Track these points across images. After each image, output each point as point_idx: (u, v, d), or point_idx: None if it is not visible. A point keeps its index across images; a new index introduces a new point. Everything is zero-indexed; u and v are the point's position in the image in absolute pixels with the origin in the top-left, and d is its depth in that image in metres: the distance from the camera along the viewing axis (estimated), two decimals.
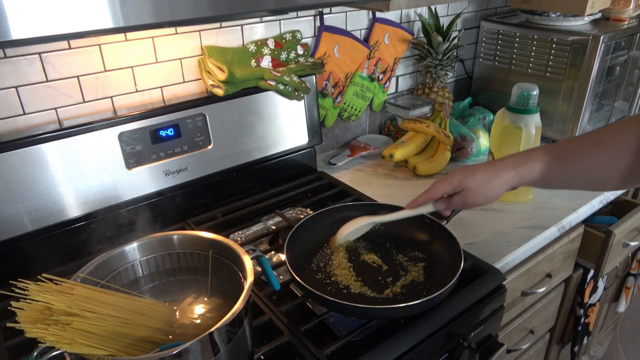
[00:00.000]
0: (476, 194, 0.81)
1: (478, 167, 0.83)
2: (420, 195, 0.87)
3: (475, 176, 0.81)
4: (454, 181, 0.82)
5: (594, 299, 1.43)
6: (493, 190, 0.81)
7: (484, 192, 0.81)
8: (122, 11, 0.56)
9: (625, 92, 1.51)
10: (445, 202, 0.86)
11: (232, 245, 0.72)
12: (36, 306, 0.57)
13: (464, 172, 0.82)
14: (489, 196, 0.82)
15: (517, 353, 1.23)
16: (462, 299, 0.84)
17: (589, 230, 1.21)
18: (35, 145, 0.87)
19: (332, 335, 0.81)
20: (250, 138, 1.14)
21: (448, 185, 0.83)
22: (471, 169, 0.82)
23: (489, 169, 0.81)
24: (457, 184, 0.82)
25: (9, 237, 0.88)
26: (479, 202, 0.83)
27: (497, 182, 0.80)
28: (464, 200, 0.83)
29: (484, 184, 0.80)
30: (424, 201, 0.87)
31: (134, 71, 1.03)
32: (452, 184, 0.83)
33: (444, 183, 0.84)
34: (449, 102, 1.52)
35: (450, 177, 0.83)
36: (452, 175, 0.83)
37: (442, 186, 0.84)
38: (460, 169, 0.84)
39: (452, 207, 0.86)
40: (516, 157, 0.81)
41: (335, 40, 1.30)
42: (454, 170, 0.84)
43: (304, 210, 1.15)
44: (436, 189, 0.84)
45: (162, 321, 0.69)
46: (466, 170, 0.83)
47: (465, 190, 0.82)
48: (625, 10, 1.48)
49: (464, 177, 0.81)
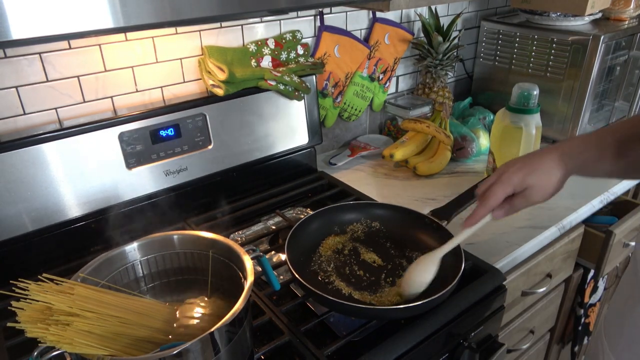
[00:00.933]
0: (541, 191, 0.74)
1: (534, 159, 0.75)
2: (478, 208, 0.77)
3: (537, 172, 0.73)
4: (514, 181, 0.74)
5: (594, 299, 1.43)
6: (557, 184, 0.74)
7: (549, 186, 0.74)
8: (123, 11, 0.56)
9: (626, 92, 1.51)
10: (504, 207, 0.77)
11: (233, 245, 0.72)
12: (36, 306, 0.57)
13: (522, 168, 0.74)
14: (555, 190, 0.75)
15: (518, 353, 1.23)
16: (462, 299, 0.84)
17: (589, 230, 1.21)
18: (35, 145, 0.87)
19: (332, 335, 0.81)
20: (251, 138, 1.14)
21: (509, 188, 0.75)
22: (528, 163, 0.75)
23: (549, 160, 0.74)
24: (518, 184, 0.74)
25: (9, 237, 0.88)
26: (545, 198, 0.76)
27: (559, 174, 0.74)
28: (527, 199, 0.75)
29: (548, 178, 0.73)
30: (485, 213, 0.77)
31: (134, 71, 1.03)
32: (513, 185, 0.74)
33: (503, 186, 0.75)
34: (449, 102, 1.52)
35: (509, 178, 0.74)
36: (509, 175, 0.75)
37: (503, 190, 0.75)
38: (514, 166, 0.75)
39: (513, 211, 0.77)
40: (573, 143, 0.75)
41: (335, 40, 1.30)
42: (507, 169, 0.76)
43: (304, 210, 1.15)
44: (495, 195, 0.75)
45: (162, 321, 0.69)
46: (523, 165, 0.75)
47: (528, 189, 0.74)
48: (626, 10, 1.48)
49: (525, 175, 0.74)
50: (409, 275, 0.82)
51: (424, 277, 0.81)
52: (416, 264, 0.83)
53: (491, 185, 0.76)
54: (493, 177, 0.77)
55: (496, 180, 0.76)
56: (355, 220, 1.01)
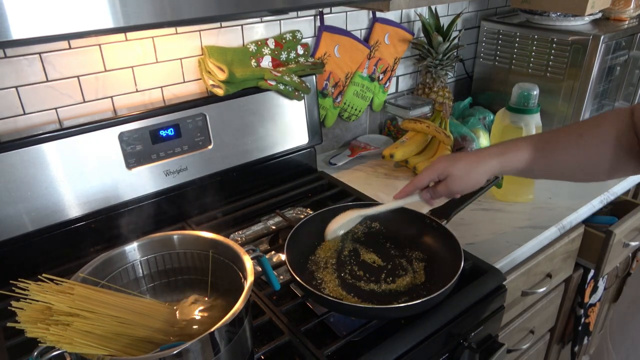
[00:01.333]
0: (459, 181, 0.83)
1: (462, 155, 0.85)
2: (406, 185, 0.88)
3: (459, 163, 0.83)
4: (439, 168, 0.84)
5: (594, 299, 1.43)
6: (476, 177, 0.83)
7: (466, 179, 0.83)
8: (123, 11, 0.56)
9: (626, 92, 1.51)
10: (430, 191, 0.88)
11: (232, 245, 0.72)
12: (36, 306, 0.57)
13: (448, 159, 0.84)
14: (472, 183, 0.84)
15: (518, 353, 1.23)
16: (462, 299, 0.84)
17: (589, 230, 1.21)
18: (35, 145, 0.87)
19: (332, 335, 0.81)
20: (251, 138, 1.14)
21: (433, 172, 0.85)
22: (455, 156, 0.85)
23: (472, 156, 0.83)
24: (441, 171, 0.84)
25: (9, 237, 0.88)
26: (461, 189, 0.85)
27: (480, 170, 0.82)
28: (448, 187, 0.84)
29: (467, 172, 0.82)
30: (411, 190, 0.88)
31: (134, 71, 1.03)
32: (437, 171, 0.84)
33: (429, 170, 0.85)
34: (449, 102, 1.52)
35: (436, 165, 0.85)
36: (437, 162, 0.85)
37: (428, 173, 0.85)
38: (444, 157, 0.86)
39: (436, 195, 0.88)
40: (500, 145, 0.83)
41: (335, 40, 1.30)
42: (439, 157, 0.87)
43: (304, 210, 1.15)
44: (422, 176, 0.86)
45: (162, 321, 0.69)
46: (450, 157, 0.85)
47: (448, 177, 0.83)
48: (626, 10, 1.48)
49: (449, 165, 0.83)
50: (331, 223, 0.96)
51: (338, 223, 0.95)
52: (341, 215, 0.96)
53: (423, 169, 0.87)
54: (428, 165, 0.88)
55: (427, 166, 0.87)
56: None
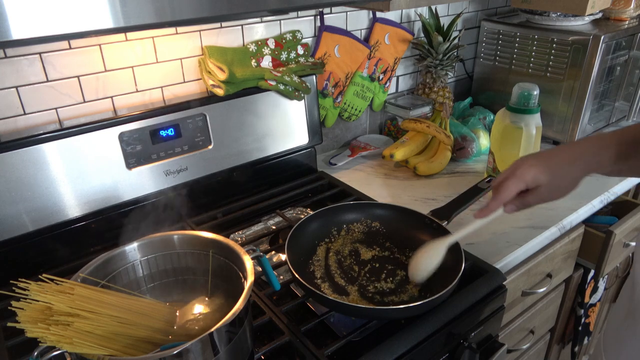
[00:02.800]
0: (554, 189, 0.74)
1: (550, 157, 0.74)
2: (491, 202, 0.77)
3: (551, 170, 0.73)
4: (528, 178, 0.73)
5: (594, 299, 1.43)
6: (571, 182, 0.74)
7: (562, 187, 0.74)
8: (123, 11, 0.56)
9: (626, 92, 1.51)
10: (516, 202, 0.77)
11: (233, 245, 0.72)
12: (36, 306, 0.57)
13: (537, 167, 0.73)
14: (567, 190, 0.75)
15: (518, 353, 1.23)
16: (462, 299, 0.84)
17: (590, 230, 1.21)
18: (35, 145, 0.87)
19: (333, 335, 0.81)
20: (251, 138, 1.14)
21: (522, 184, 0.74)
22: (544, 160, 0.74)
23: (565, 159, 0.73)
24: (531, 180, 0.73)
25: (9, 237, 0.88)
26: (557, 197, 0.75)
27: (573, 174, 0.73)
28: (540, 197, 0.75)
29: (561, 178, 0.73)
30: (496, 207, 0.77)
31: (134, 71, 1.03)
32: (526, 181, 0.74)
33: (515, 182, 0.74)
34: (449, 102, 1.52)
35: (522, 174, 0.74)
36: (523, 171, 0.74)
37: (515, 185, 0.74)
38: (530, 162, 0.74)
39: (525, 206, 0.78)
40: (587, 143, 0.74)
41: (335, 40, 1.30)
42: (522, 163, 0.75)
43: (304, 210, 1.15)
44: (508, 190, 0.75)
45: (162, 321, 0.69)
46: (538, 162, 0.74)
47: (541, 187, 0.74)
48: (626, 10, 1.48)
49: (539, 173, 0.73)
50: (417, 259, 0.83)
51: (430, 262, 0.82)
52: (425, 249, 0.84)
53: (505, 179, 0.76)
54: (508, 171, 0.77)
55: (510, 175, 0.75)
56: (355, 220, 1.01)
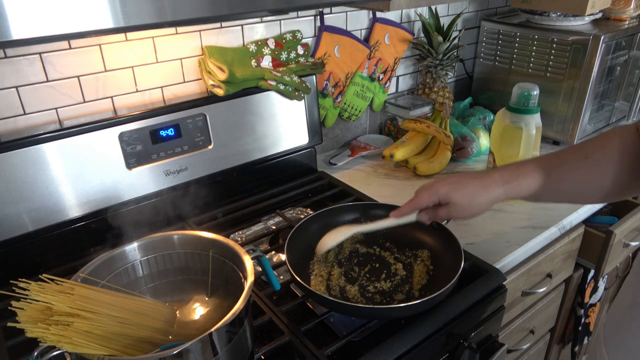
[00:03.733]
0: (462, 209, 0.80)
1: (466, 180, 0.80)
2: (405, 205, 0.85)
3: (462, 191, 0.79)
4: (440, 193, 0.80)
5: (594, 299, 1.43)
6: (479, 206, 0.80)
7: (469, 207, 0.80)
8: (123, 11, 0.56)
9: (626, 92, 1.51)
10: (430, 213, 0.84)
11: (233, 245, 0.72)
12: (37, 306, 0.57)
13: (451, 185, 0.80)
14: (475, 211, 0.81)
15: (518, 353, 1.23)
16: (462, 299, 0.84)
17: (590, 230, 1.21)
18: (35, 145, 0.87)
19: (333, 335, 0.81)
20: (251, 138, 1.14)
21: (434, 196, 0.81)
22: (458, 182, 0.80)
23: (476, 184, 0.79)
24: (442, 196, 0.80)
25: (9, 237, 0.88)
26: (464, 216, 0.82)
27: (484, 199, 0.79)
28: (449, 213, 0.81)
29: (471, 200, 0.79)
30: (409, 211, 0.84)
31: (134, 71, 1.03)
32: (438, 195, 0.80)
33: (429, 193, 0.81)
34: (449, 102, 1.52)
35: (437, 189, 0.81)
36: (438, 187, 0.81)
37: (428, 196, 0.81)
38: (446, 180, 0.81)
39: (436, 218, 0.84)
40: (505, 172, 0.79)
41: (335, 40, 1.30)
42: (439, 181, 0.82)
43: (304, 210, 1.15)
44: (421, 199, 0.82)
45: (162, 321, 0.69)
46: (453, 182, 0.80)
47: (450, 204, 0.80)
48: (626, 10, 1.48)
49: (451, 191, 0.79)
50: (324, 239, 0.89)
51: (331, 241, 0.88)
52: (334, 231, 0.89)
53: (424, 188, 0.83)
54: (431, 182, 0.83)
55: (428, 187, 0.82)
56: (355, 220, 1.01)
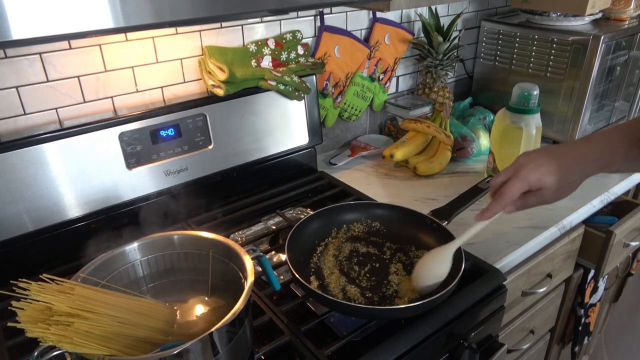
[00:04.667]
0: (557, 192, 0.74)
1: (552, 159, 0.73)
2: (492, 204, 0.76)
3: (556, 174, 0.72)
4: (531, 180, 0.73)
5: (594, 299, 1.43)
6: (574, 186, 0.74)
7: (564, 190, 0.74)
8: (123, 11, 0.56)
9: (626, 92, 1.51)
10: (517, 203, 0.76)
11: (233, 245, 0.72)
12: (37, 306, 0.57)
13: (539, 168, 0.72)
14: (569, 192, 0.75)
15: (518, 353, 1.23)
16: (462, 299, 0.84)
17: (590, 230, 1.21)
18: (35, 145, 0.87)
19: (333, 335, 0.81)
20: (251, 138, 1.14)
21: (525, 185, 0.73)
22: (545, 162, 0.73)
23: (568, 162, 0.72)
24: (534, 183, 0.73)
25: (9, 237, 0.88)
26: (557, 199, 0.75)
27: (578, 177, 0.73)
28: (542, 199, 0.75)
29: (565, 181, 0.72)
30: (498, 209, 0.76)
31: (134, 71, 1.03)
32: (529, 183, 0.73)
33: (519, 183, 0.73)
34: (449, 102, 1.52)
35: (525, 176, 0.73)
36: (525, 173, 0.73)
37: (518, 187, 0.73)
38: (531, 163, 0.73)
39: (526, 207, 0.77)
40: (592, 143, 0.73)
41: (335, 40, 1.30)
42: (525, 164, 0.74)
43: (304, 210, 1.15)
44: (510, 192, 0.74)
45: (162, 321, 0.69)
46: (540, 164, 0.73)
47: (543, 189, 0.73)
48: (626, 10, 1.48)
49: (542, 176, 0.72)
50: (423, 268, 0.81)
51: (439, 269, 0.80)
52: (430, 256, 0.82)
53: (508, 180, 0.75)
54: (509, 171, 0.76)
55: (512, 176, 0.74)
56: (355, 220, 1.01)
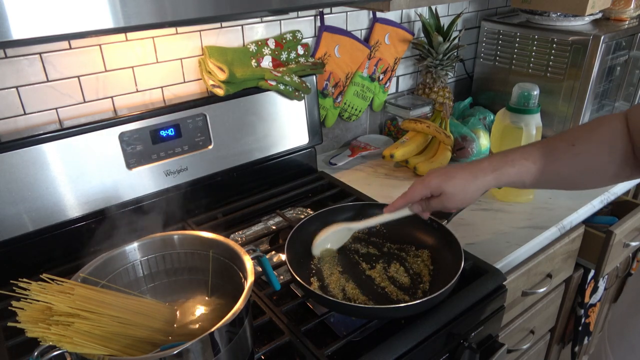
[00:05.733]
0: (454, 198, 0.81)
1: (455, 170, 0.82)
2: (397, 199, 0.86)
3: (453, 180, 0.81)
4: (432, 185, 0.82)
5: (594, 299, 1.43)
6: (471, 194, 0.82)
7: (461, 196, 0.81)
8: (123, 11, 0.56)
9: (626, 92, 1.51)
10: (423, 205, 0.86)
11: (233, 245, 0.72)
12: (37, 306, 0.57)
13: (442, 175, 0.82)
14: (467, 200, 0.83)
15: (518, 353, 1.23)
16: (462, 299, 0.84)
17: (590, 230, 1.21)
18: (36, 145, 0.87)
19: (333, 335, 0.81)
20: (251, 138, 1.14)
21: (426, 189, 0.83)
22: (449, 172, 0.82)
23: (466, 172, 0.81)
24: (434, 188, 0.82)
25: (9, 237, 0.88)
26: (456, 205, 0.84)
27: (474, 187, 0.81)
28: (442, 203, 0.83)
29: (462, 188, 0.81)
30: (402, 205, 0.86)
31: (134, 71, 1.03)
32: (430, 188, 0.82)
33: (421, 186, 0.83)
34: (449, 102, 1.52)
35: (428, 181, 0.82)
36: (429, 178, 0.83)
37: (420, 189, 0.83)
38: (437, 172, 0.83)
39: (429, 209, 0.86)
40: (494, 159, 0.81)
41: (335, 40, 1.30)
42: (431, 172, 0.84)
43: (304, 210, 1.15)
44: (413, 192, 0.84)
45: (162, 321, 0.69)
46: (443, 173, 0.82)
47: (443, 194, 0.82)
48: (626, 10, 1.48)
49: (442, 182, 0.81)
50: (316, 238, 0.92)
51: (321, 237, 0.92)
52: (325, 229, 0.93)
53: (416, 182, 0.85)
54: (422, 176, 0.85)
55: (420, 180, 0.84)
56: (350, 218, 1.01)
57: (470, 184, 0.80)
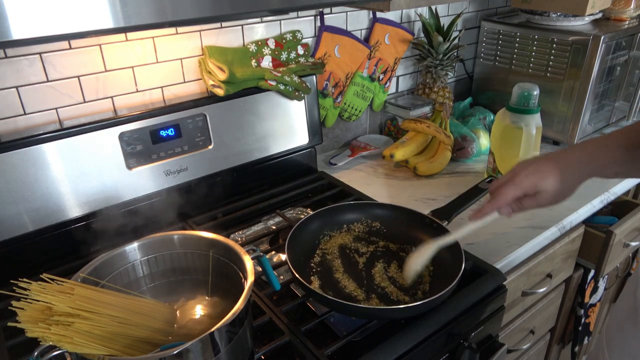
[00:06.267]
0: (553, 196, 0.75)
1: (548, 164, 0.75)
2: (486, 205, 0.79)
3: (549, 178, 0.74)
4: (526, 185, 0.75)
5: (594, 299, 1.43)
6: (570, 190, 0.76)
7: (560, 194, 0.75)
8: (123, 11, 0.56)
9: (626, 92, 1.51)
10: (513, 206, 0.79)
11: (233, 245, 0.72)
12: (37, 306, 0.57)
13: (534, 173, 0.75)
14: (565, 196, 0.76)
15: (518, 353, 1.23)
16: (462, 299, 0.84)
17: (590, 230, 1.21)
18: (35, 145, 0.87)
19: (333, 335, 0.81)
20: (251, 138, 1.14)
21: (519, 190, 0.76)
22: (540, 168, 0.75)
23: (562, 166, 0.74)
24: (529, 188, 0.75)
25: (9, 237, 0.88)
26: (554, 202, 0.77)
27: (573, 182, 0.75)
28: (537, 202, 0.77)
29: (560, 185, 0.74)
30: (490, 210, 0.79)
31: (134, 71, 1.03)
32: (524, 188, 0.75)
33: (513, 188, 0.76)
34: (449, 102, 1.52)
35: (520, 181, 0.75)
36: (519, 178, 0.76)
37: (512, 191, 0.76)
38: (525, 170, 0.76)
39: (521, 210, 0.79)
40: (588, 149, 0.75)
41: (335, 40, 1.30)
42: (518, 171, 0.77)
43: (304, 210, 1.15)
44: (505, 196, 0.77)
45: (162, 321, 0.69)
46: (535, 170, 0.75)
47: (539, 193, 0.75)
48: (626, 10, 1.48)
49: (537, 180, 0.74)
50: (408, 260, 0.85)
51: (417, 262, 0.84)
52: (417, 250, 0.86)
53: (503, 184, 0.77)
54: (507, 176, 0.78)
55: (508, 181, 0.77)
56: (355, 220, 1.01)
57: (568, 179, 0.74)
